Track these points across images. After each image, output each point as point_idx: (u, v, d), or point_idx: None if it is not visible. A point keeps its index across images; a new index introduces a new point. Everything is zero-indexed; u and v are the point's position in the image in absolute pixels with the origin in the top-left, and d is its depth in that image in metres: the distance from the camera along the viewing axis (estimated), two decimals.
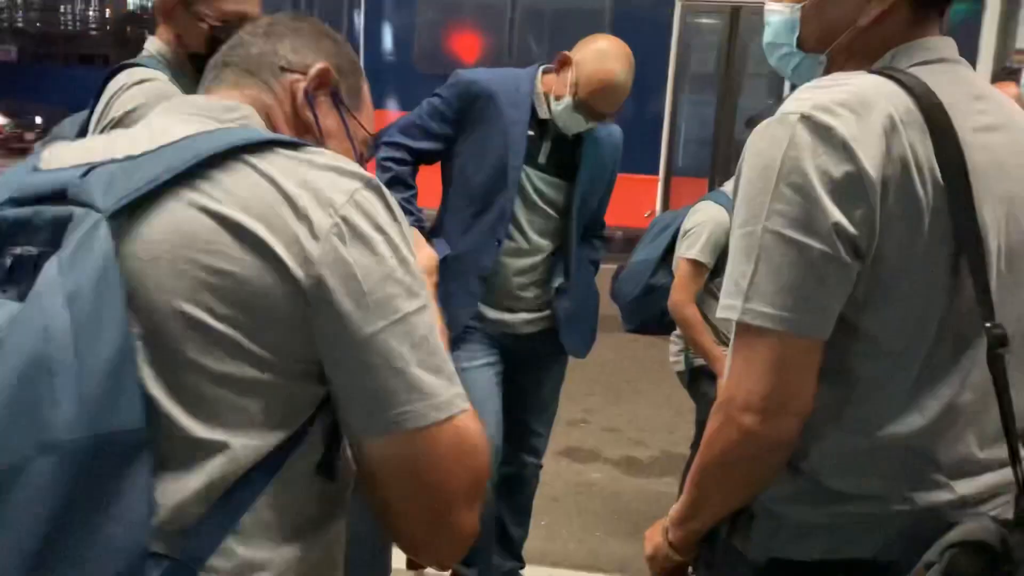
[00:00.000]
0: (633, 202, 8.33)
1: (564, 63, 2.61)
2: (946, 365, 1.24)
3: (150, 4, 27.62)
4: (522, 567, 3.10)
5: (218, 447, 0.98)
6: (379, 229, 1.00)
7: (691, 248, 3.13)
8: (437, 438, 1.00)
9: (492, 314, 2.77)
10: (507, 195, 2.65)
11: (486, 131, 2.65)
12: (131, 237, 0.96)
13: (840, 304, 1.20)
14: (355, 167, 1.06)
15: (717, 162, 8.66)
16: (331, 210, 0.97)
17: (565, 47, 2.69)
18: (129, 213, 0.96)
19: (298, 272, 0.95)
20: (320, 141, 1.20)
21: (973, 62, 5.00)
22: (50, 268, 0.91)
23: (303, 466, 1.05)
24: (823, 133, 1.16)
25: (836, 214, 1.15)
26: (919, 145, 1.18)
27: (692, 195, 8.14)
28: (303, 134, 1.19)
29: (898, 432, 1.23)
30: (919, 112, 1.19)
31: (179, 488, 0.97)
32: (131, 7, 32.45)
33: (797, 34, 1.39)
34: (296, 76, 1.20)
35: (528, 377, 2.92)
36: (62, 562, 0.91)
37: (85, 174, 0.99)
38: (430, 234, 2.75)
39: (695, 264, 3.12)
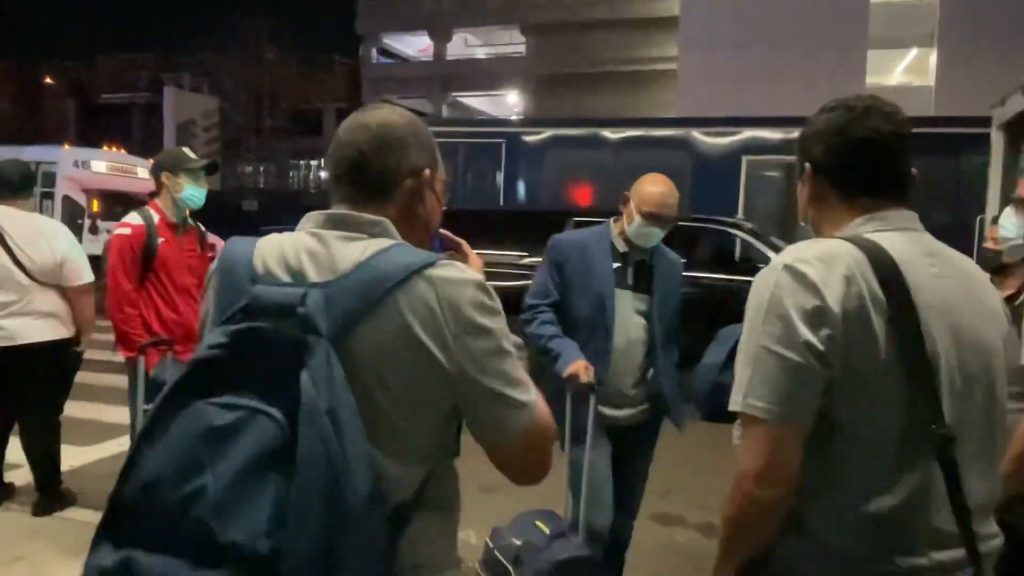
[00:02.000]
0: None
1: (625, 201, 2.83)
2: (913, 458, 1.26)
3: None
4: None
5: (411, 476, 1.20)
6: (488, 317, 1.19)
7: None
8: (531, 429, 1.22)
9: (609, 412, 2.82)
10: (607, 316, 2.76)
11: (583, 273, 2.82)
12: (346, 352, 1.10)
13: (815, 401, 1.26)
14: (471, 275, 1.22)
15: None
16: (460, 315, 1.16)
17: None
18: (341, 333, 1.11)
19: (445, 363, 1.15)
20: (428, 221, 1.37)
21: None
22: (307, 385, 1.04)
23: (448, 460, 1.31)
24: (799, 277, 1.26)
25: (807, 334, 1.23)
26: (874, 288, 1.25)
27: None
28: (417, 221, 1.34)
29: (875, 509, 1.25)
30: (870, 262, 1.27)
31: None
32: None
33: None
34: (410, 183, 1.31)
35: (628, 455, 2.92)
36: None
37: (303, 295, 1.12)
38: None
39: None
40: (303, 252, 1.20)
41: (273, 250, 1.22)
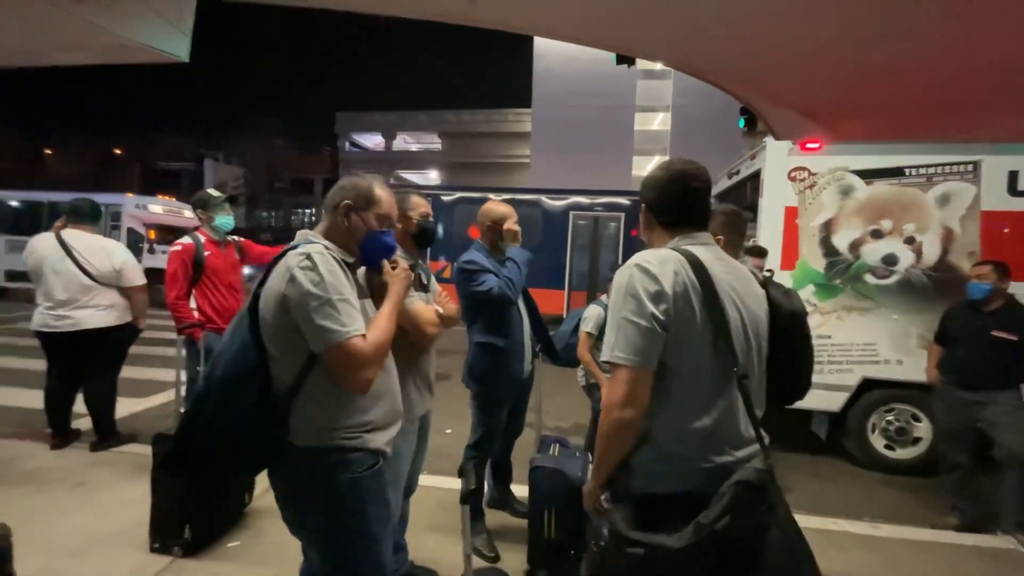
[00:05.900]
0: (558, 301, 8.32)
1: (478, 232, 2.38)
2: (718, 390, 1.14)
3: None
4: (510, 482, 2.75)
5: (284, 363, 1.25)
6: (303, 273, 1.22)
7: (587, 325, 3.01)
8: (340, 349, 1.22)
9: (518, 370, 2.37)
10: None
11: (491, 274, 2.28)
12: (260, 297, 1.26)
13: (658, 353, 1.12)
14: (310, 250, 1.25)
15: (593, 282, 8.64)
16: (292, 275, 1.23)
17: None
18: (259, 286, 1.27)
19: (285, 304, 1.23)
20: (354, 234, 1.37)
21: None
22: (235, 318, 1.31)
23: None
24: (646, 271, 1.13)
25: (652, 309, 1.13)
26: (692, 279, 1.14)
27: (581, 300, 8.23)
28: (347, 230, 1.37)
29: (696, 426, 1.13)
30: (688, 263, 1.15)
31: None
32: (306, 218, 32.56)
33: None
34: (339, 208, 1.38)
35: (522, 398, 2.55)
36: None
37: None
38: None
39: (588, 334, 3.00)
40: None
41: None
